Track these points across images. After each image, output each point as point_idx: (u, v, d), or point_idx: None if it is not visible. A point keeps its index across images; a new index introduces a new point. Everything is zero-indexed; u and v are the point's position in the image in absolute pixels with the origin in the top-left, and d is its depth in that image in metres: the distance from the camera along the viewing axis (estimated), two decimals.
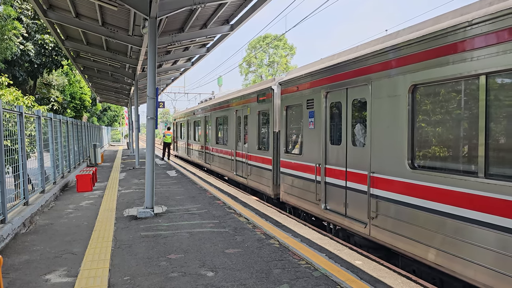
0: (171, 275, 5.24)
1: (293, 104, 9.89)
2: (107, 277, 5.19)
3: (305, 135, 9.17)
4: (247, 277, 5.17)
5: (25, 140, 8.75)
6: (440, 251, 5.26)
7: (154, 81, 9.24)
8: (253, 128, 12.99)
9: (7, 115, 8.14)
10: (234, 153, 15.18)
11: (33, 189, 10.20)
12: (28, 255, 6.17)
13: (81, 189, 12.69)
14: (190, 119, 25.04)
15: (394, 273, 5.36)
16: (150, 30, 9.15)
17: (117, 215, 9.02)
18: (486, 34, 4.68)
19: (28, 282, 5.07)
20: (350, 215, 7.41)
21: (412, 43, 5.78)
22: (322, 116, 8.33)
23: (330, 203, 8.16)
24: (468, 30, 4.92)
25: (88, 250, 6.37)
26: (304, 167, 9.19)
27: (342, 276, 5.17)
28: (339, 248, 6.46)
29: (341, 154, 7.74)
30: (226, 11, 11.84)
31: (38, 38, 23.50)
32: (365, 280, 5.06)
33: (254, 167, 12.90)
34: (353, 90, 7.35)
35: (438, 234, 5.34)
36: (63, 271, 5.46)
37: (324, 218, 8.42)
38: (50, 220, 8.63)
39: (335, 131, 8.13)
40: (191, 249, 6.40)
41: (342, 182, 7.68)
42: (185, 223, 8.18)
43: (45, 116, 11.64)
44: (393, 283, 4.95)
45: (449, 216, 5.17)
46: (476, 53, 4.78)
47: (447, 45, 5.24)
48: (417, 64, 5.73)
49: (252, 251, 6.25)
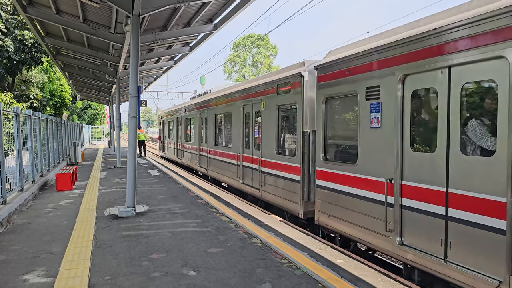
0: (153, 275, 5.18)
1: (340, 94, 7.29)
2: (87, 277, 5.10)
3: (363, 137, 6.57)
4: (230, 276, 5.15)
5: (2, 138, 8.55)
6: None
7: (137, 80, 9.13)
8: (270, 127, 10.19)
9: None
10: (240, 157, 12.27)
11: (11, 188, 9.96)
12: (5, 255, 6.02)
13: (60, 188, 12.45)
14: (181, 117, 22.06)
15: (375, 271, 5.42)
16: (132, 28, 9.04)
17: (98, 214, 8.88)
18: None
19: (6, 282, 4.95)
20: (459, 261, 4.76)
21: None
22: (395, 110, 5.79)
23: (411, 237, 5.56)
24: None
25: (67, 250, 6.25)
26: (360, 182, 6.59)
27: (323, 275, 5.19)
28: (320, 247, 6.49)
29: (436, 166, 5.15)
30: (209, 10, 11.80)
31: (17, 34, 23.02)
32: (347, 278, 5.10)
33: (271, 176, 10.10)
34: (468, 68, 4.77)
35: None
36: (42, 271, 5.34)
37: (397, 256, 5.83)
38: (28, 220, 8.44)
39: (422, 131, 5.80)
40: (173, 248, 6.34)
41: (439, 209, 5.11)
42: (167, 222, 8.10)
43: (24, 114, 11.38)
44: (374, 282, 5.01)
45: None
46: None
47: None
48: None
49: (235, 251, 6.22)
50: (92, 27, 12.90)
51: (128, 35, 10.89)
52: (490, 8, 4.41)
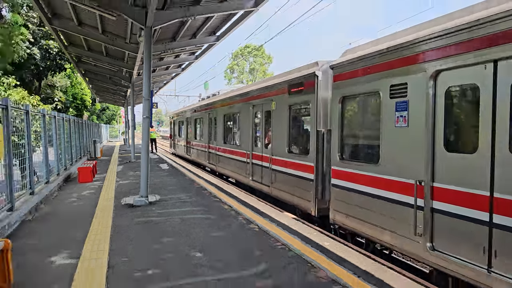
0: (164, 256, 5.22)
1: (358, 93, 6.30)
2: (107, 258, 5.14)
3: (387, 136, 5.56)
4: (231, 257, 5.19)
5: (31, 136, 8.55)
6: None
7: (149, 84, 9.14)
8: (281, 126, 9.17)
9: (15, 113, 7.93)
10: (250, 155, 11.32)
11: (38, 180, 9.96)
12: (34, 240, 6.05)
13: (82, 180, 12.47)
14: (191, 117, 21.00)
15: (359, 253, 5.46)
16: (145, 39, 9.04)
17: (115, 203, 8.90)
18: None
19: (35, 264, 4.99)
20: (504, 272, 3.85)
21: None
22: (426, 108, 4.85)
23: (445, 242, 4.62)
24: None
25: (89, 235, 6.28)
26: (383, 182, 5.61)
27: (313, 256, 5.24)
28: (311, 232, 6.52)
29: (477, 168, 4.20)
30: (213, 23, 11.82)
31: (43, 43, 22.99)
32: (333, 259, 5.14)
33: (282, 173, 9.18)
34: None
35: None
36: (66, 254, 5.37)
37: (427, 262, 4.91)
38: (54, 208, 8.46)
39: (458, 130, 4.84)
40: (182, 233, 6.38)
41: (481, 215, 4.15)
42: (176, 210, 8.13)
43: (49, 114, 11.37)
44: (356, 262, 5.06)
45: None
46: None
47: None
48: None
49: (235, 235, 6.27)
50: (110, 38, 12.89)
51: (142, 45, 10.88)
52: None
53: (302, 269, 4.76)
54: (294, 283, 4.40)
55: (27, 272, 4.71)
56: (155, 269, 4.76)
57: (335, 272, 4.68)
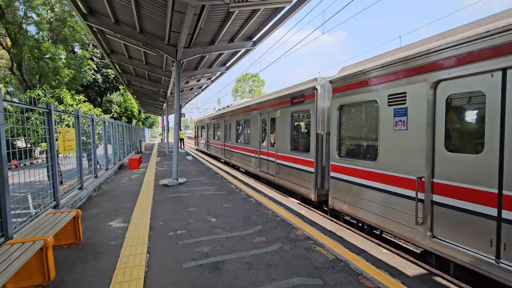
0: (189, 221, 5.19)
1: (356, 101, 5.30)
2: (149, 223, 5.09)
3: (385, 139, 4.56)
4: (236, 221, 5.16)
5: (95, 136, 8.45)
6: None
7: (178, 100, 9.06)
8: (285, 129, 8.34)
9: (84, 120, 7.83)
10: (258, 151, 10.36)
11: (100, 167, 9.85)
12: (97, 210, 5.99)
13: (131, 168, 12.35)
14: (210, 123, 19.67)
15: (324, 218, 5.45)
16: (176, 68, 8.94)
17: (155, 184, 8.82)
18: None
19: (97, 227, 4.93)
20: None
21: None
22: (425, 114, 3.89)
23: (448, 232, 3.63)
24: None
25: (136, 206, 6.23)
26: (381, 176, 4.63)
27: (293, 220, 5.23)
28: (291, 202, 6.52)
29: (483, 166, 3.26)
30: (223, 58, 11.70)
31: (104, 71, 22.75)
32: (306, 221, 5.14)
33: (285, 166, 8.27)
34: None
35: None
36: (120, 219, 5.33)
37: (430, 249, 3.82)
38: (111, 187, 8.38)
39: (461, 132, 3.70)
40: (202, 204, 6.34)
41: (490, 210, 3.21)
42: (197, 188, 8.07)
43: (108, 121, 11.25)
44: (323, 223, 5.05)
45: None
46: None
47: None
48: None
49: (239, 205, 6.23)
50: (151, 67, 12.73)
51: (173, 73, 10.79)
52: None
53: (287, 229, 4.75)
54: (281, 238, 4.38)
55: (92, 232, 4.65)
56: (182, 230, 4.72)
57: (309, 231, 4.66)
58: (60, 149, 5.43)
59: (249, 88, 62.88)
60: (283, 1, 5.96)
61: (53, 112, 5.05)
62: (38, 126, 6.57)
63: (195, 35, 8.27)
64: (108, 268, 3.46)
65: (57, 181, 5.13)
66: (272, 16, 7.68)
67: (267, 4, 6.13)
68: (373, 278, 3.26)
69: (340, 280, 3.20)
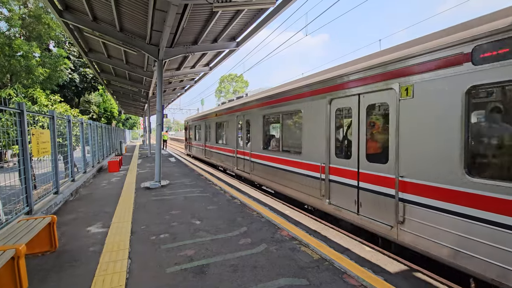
0: (173, 224, 5.07)
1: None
2: (130, 227, 4.93)
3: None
4: (221, 223, 5.10)
5: (72, 138, 8.09)
6: None
7: (161, 101, 8.84)
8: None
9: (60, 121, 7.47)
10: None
11: (77, 170, 9.44)
12: (75, 214, 5.72)
13: (111, 170, 11.93)
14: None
15: (309, 218, 5.49)
16: (158, 68, 8.74)
17: (136, 186, 8.57)
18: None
19: (75, 233, 4.71)
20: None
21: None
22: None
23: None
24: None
25: (116, 210, 6.01)
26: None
27: (278, 220, 5.23)
28: (276, 203, 6.52)
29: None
30: (207, 58, 11.58)
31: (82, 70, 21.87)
32: (292, 222, 5.16)
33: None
34: None
35: None
36: (99, 224, 5.12)
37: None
38: (89, 191, 8.05)
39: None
40: (185, 207, 6.21)
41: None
42: (181, 190, 7.92)
43: (86, 122, 10.82)
44: (308, 223, 5.09)
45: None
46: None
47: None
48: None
49: (224, 207, 6.16)
50: (132, 67, 12.39)
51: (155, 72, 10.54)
52: None
53: (272, 230, 4.74)
54: (267, 239, 4.36)
55: (69, 239, 4.43)
56: (165, 233, 4.60)
57: (294, 231, 4.68)
58: (33, 152, 5.15)
59: (233, 89, 62.71)
60: (267, 2, 5.98)
61: (26, 112, 4.78)
62: (9, 128, 6.20)
63: (177, 35, 8.12)
64: (87, 276, 3.31)
65: (30, 185, 4.85)
66: (256, 17, 7.68)
67: (251, 5, 6.12)
68: (357, 276, 3.31)
69: (325, 279, 3.23)
